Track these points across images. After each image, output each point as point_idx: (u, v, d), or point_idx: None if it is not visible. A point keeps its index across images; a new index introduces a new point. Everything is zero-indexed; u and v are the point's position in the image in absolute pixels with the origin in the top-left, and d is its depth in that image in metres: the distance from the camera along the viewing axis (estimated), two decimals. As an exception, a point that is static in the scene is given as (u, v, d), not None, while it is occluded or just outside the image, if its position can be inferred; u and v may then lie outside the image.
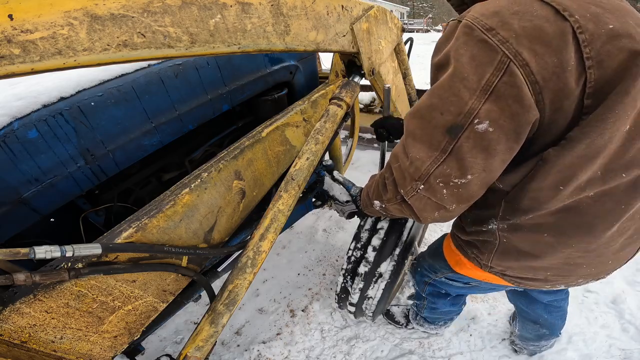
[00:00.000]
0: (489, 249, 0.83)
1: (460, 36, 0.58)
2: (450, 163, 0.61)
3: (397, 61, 1.81)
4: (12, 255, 0.52)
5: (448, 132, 0.60)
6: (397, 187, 0.73)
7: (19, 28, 0.45)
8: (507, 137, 0.58)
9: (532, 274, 0.84)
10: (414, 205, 0.71)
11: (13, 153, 0.79)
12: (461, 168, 0.61)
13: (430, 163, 0.63)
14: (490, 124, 0.56)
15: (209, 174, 0.85)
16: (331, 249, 2.29)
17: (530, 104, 0.54)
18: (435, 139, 0.62)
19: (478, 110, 0.56)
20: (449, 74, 0.59)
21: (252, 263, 0.86)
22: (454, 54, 0.58)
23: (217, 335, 0.86)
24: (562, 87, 0.54)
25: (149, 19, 0.58)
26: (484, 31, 0.54)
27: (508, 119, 0.56)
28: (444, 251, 1.11)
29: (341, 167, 1.90)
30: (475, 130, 0.57)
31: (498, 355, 1.60)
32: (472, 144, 0.59)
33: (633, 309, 1.73)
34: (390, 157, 0.76)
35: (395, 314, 1.77)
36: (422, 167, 0.64)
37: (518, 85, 0.53)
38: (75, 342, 0.71)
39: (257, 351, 1.67)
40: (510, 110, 0.55)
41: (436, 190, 0.65)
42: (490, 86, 0.55)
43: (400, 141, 0.73)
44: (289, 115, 1.09)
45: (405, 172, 0.68)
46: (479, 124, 0.57)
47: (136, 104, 1.01)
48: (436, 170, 0.63)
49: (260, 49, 0.80)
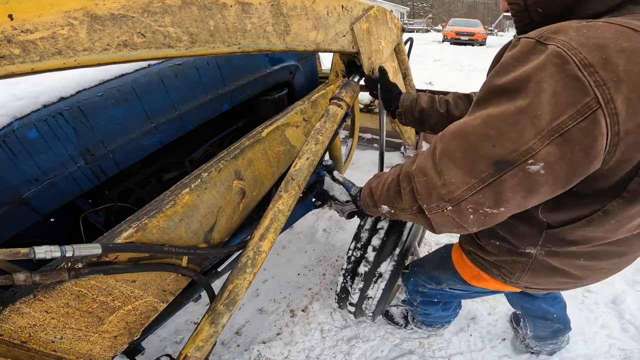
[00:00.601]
0: (519, 269, 0.83)
1: (547, 66, 0.48)
2: (486, 194, 0.57)
3: (397, 61, 1.81)
4: (12, 255, 0.52)
5: (495, 165, 0.54)
6: (418, 199, 0.69)
7: (19, 28, 0.45)
8: (555, 182, 0.53)
9: (557, 286, 0.86)
10: (433, 220, 0.68)
11: (13, 153, 0.79)
12: (497, 200, 0.58)
13: (466, 189, 0.59)
14: (545, 167, 0.51)
15: (209, 174, 0.85)
16: (331, 249, 2.29)
17: (597, 155, 0.49)
18: (478, 167, 0.56)
19: (538, 151, 0.50)
20: (518, 108, 0.51)
21: (252, 263, 0.86)
22: (532, 85, 0.49)
23: (217, 335, 0.86)
24: (639, 141, 0.49)
25: (149, 19, 0.58)
26: (580, 67, 0.45)
27: (565, 166, 0.50)
28: (456, 265, 1.08)
29: (341, 167, 1.90)
30: (525, 169, 0.52)
31: (498, 355, 1.60)
32: (516, 182, 0.54)
33: (633, 309, 1.73)
34: (411, 169, 0.70)
35: (395, 315, 1.77)
36: (455, 192, 0.60)
37: (595, 135, 0.47)
38: (75, 342, 0.71)
39: (257, 351, 1.67)
40: (572, 158, 0.49)
41: (463, 214, 0.62)
42: (562, 129, 0.48)
43: (428, 154, 0.66)
44: (289, 115, 1.09)
45: (433, 190, 0.64)
46: (532, 165, 0.51)
47: (136, 104, 1.01)
48: (470, 197, 0.59)
49: (260, 49, 0.80)
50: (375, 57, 1.27)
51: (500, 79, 0.55)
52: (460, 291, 1.16)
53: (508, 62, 0.55)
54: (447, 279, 1.15)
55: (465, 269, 1.04)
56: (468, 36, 15.94)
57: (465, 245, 1.00)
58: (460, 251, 1.04)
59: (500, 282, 0.91)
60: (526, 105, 0.50)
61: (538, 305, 1.32)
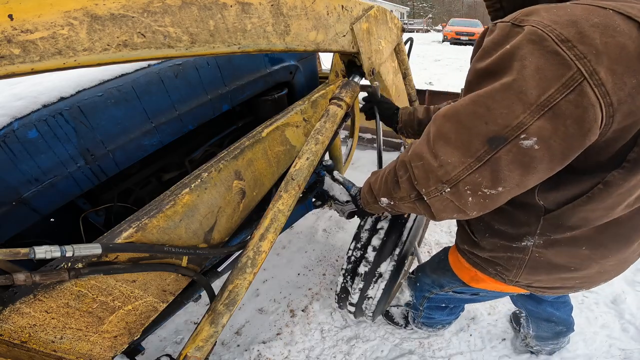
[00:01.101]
0: (516, 265, 0.81)
1: (524, 44, 0.50)
2: (483, 172, 0.58)
3: (397, 61, 1.81)
4: (12, 255, 0.52)
5: (489, 142, 0.55)
6: (416, 185, 0.69)
7: (19, 28, 0.45)
8: (551, 158, 0.54)
9: (560, 283, 0.83)
10: (432, 206, 0.68)
11: (13, 153, 0.79)
12: (494, 179, 0.58)
13: (462, 169, 0.59)
14: (538, 141, 0.52)
15: (209, 174, 0.85)
16: (331, 249, 2.29)
17: (591, 127, 0.50)
18: (473, 146, 0.57)
19: (529, 125, 0.51)
20: (502, 84, 0.53)
21: (252, 263, 0.86)
22: (514, 63, 0.51)
23: (217, 335, 0.86)
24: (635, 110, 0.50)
25: (149, 19, 0.58)
26: (557, 42, 0.48)
27: (560, 140, 0.51)
28: (453, 267, 1.07)
29: (341, 167, 1.90)
30: (519, 145, 0.53)
31: (498, 355, 1.60)
32: (511, 158, 0.55)
33: (633, 309, 1.73)
34: (407, 156, 0.71)
35: (395, 315, 1.77)
36: (452, 172, 0.60)
37: (584, 105, 0.48)
38: (75, 342, 0.71)
39: (257, 351, 1.67)
40: (566, 131, 0.50)
41: (462, 196, 0.62)
42: (551, 102, 0.49)
43: (423, 139, 0.67)
44: (289, 115, 1.09)
45: (430, 173, 0.64)
46: (525, 140, 0.52)
47: (136, 104, 1.01)
48: (467, 177, 0.59)
49: (260, 49, 0.80)
50: (375, 57, 1.27)
51: (483, 62, 0.57)
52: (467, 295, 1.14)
53: (488, 46, 0.57)
54: (448, 282, 1.14)
55: (462, 271, 1.03)
56: (468, 36, 15.96)
57: (460, 244, 1.00)
58: (457, 252, 1.03)
59: (499, 282, 0.89)
60: (511, 82, 0.51)
61: (543, 308, 1.31)
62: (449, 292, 1.18)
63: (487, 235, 0.85)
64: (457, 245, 1.04)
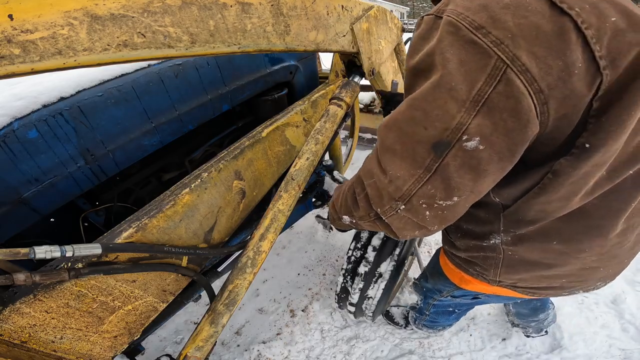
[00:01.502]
0: (492, 264, 0.79)
1: (444, 36, 0.48)
2: (435, 183, 0.54)
3: (397, 61, 1.81)
4: (12, 255, 0.52)
5: (434, 149, 0.52)
6: (372, 204, 0.65)
7: (19, 28, 0.45)
8: (499, 157, 0.50)
9: (546, 282, 0.80)
10: (392, 224, 0.64)
11: (13, 153, 0.79)
12: (447, 189, 0.54)
13: (412, 182, 0.55)
14: (481, 141, 0.49)
15: (209, 174, 0.85)
16: (331, 249, 2.29)
17: (529, 118, 0.47)
18: (418, 155, 0.54)
19: (467, 125, 0.48)
20: (432, 83, 0.50)
21: (252, 263, 0.86)
22: (438, 58, 0.49)
23: (217, 335, 0.86)
24: (569, 94, 0.46)
25: (149, 19, 0.58)
26: (472, 30, 0.45)
27: (502, 136, 0.48)
28: (444, 269, 1.06)
29: (341, 167, 1.90)
30: (463, 147, 0.50)
31: (498, 356, 1.60)
32: (459, 163, 0.51)
33: (633, 309, 1.73)
34: (362, 172, 0.68)
35: (395, 315, 1.77)
36: (403, 187, 0.57)
37: (515, 95, 0.45)
38: (75, 342, 0.71)
39: (257, 351, 1.67)
40: (505, 126, 0.47)
41: (418, 212, 0.59)
42: (483, 97, 0.46)
43: (373, 154, 0.64)
44: (289, 115, 1.09)
45: (382, 191, 0.61)
46: (467, 141, 0.49)
47: (136, 104, 1.01)
48: (419, 191, 0.56)
49: (260, 49, 0.80)
50: (375, 57, 1.27)
51: (412, 60, 0.55)
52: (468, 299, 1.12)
53: (416, 42, 0.55)
54: (444, 287, 1.13)
55: (451, 273, 1.01)
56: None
57: (443, 245, 0.99)
58: (443, 254, 1.02)
59: (484, 283, 0.87)
60: (438, 79, 0.49)
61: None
62: (447, 297, 1.16)
63: (459, 235, 0.84)
64: (442, 246, 1.03)
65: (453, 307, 1.28)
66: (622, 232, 0.69)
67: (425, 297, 1.32)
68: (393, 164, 0.58)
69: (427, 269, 1.27)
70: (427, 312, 1.38)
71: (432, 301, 1.28)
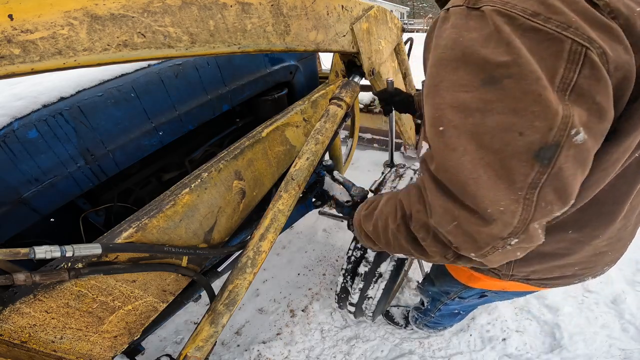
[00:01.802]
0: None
1: (501, 27, 0.42)
2: (548, 197, 0.44)
3: (397, 61, 1.81)
4: (12, 255, 0.52)
5: (537, 158, 0.42)
6: (457, 250, 0.54)
7: (19, 28, 0.45)
8: (594, 145, 0.44)
9: (559, 272, 0.78)
10: (489, 261, 0.53)
11: (13, 153, 0.79)
12: (562, 197, 0.45)
13: (522, 210, 0.45)
14: (585, 130, 0.42)
15: (209, 174, 0.85)
16: (331, 249, 2.29)
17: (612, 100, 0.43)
18: (517, 172, 0.43)
19: (572, 116, 0.41)
20: (511, 78, 0.42)
21: (252, 263, 0.86)
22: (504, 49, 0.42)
23: (217, 335, 0.86)
24: (626, 76, 0.43)
25: (149, 19, 0.58)
26: (528, 17, 0.41)
27: (597, 121, 0.43)
28: (449, 269, 1.05)
29: (341, 167, 1.90)
30: (574, 144, 0.42)
31: (498, 356, 1.60)
32: (572, 163, 0.43)
33: (633, 309, 1.73)
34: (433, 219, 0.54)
35: (395, 315, 1.77)
36: (513, 221, 0.45)
37: (603, 77, 0.41)
38: (75, 342, 0.71)
39: (257, 351, 1.67)
40: (599, 110, 0.42)
41: (535, 235, 0.48)
42: (569, 84, 0.41)
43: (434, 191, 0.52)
44: (289, 115, 1.09)
45: (477, 235, 0.49)
46: (576, 135, 0.41)
47: (136, 104, 1.01)
48: (536, 214, 0.45)
49: (260, 49, 0.80)
50: (375, 57, 1.27)
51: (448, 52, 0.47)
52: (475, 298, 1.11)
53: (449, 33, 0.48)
54: (450, 288, 1.13)
55: (458, 271, 1.02)
56: (468, 36, 15.90)
57: None
58: None
59: (494, 278, 0.87)
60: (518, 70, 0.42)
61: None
62: (455, 299, 1.16)
63: None
64: None
65: (459, 309, 1.28)
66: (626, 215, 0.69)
67: (433, 299, 1.32)
68: (485, 197, 0.45)
69: (432, 273, 1.27)
70: (432, 314, 1.38)
71: (439, 305, 1.28)
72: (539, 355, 1.57)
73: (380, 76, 1.47)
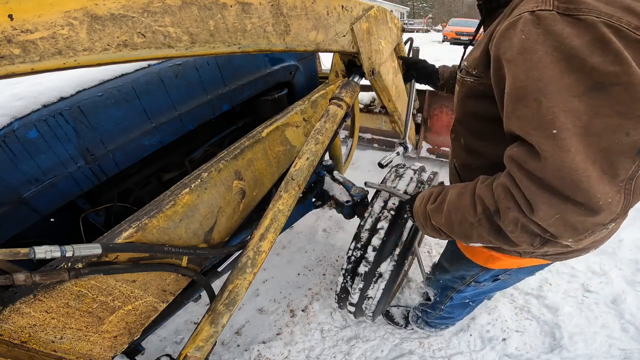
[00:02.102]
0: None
1: (609, 39, 0.47)
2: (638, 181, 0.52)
3: (397, 61, 1.81)
4: (12, 255, 0.52)
5: (639, 154, 0.49)
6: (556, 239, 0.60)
7: (19, 28, 0.45)
8: None
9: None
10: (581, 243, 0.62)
11: (13, 153, 0.79)
12: None
13: (623, 197, 0.52)
14: None
15: (209, 174, 0.85)
16: (331, 249, 2.29)
17: None
18: (620, 167, 0.50)
19: None
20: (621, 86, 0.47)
21: (252, 263, 0.86)
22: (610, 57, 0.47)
23: (217, 335, 0.86)
24: None
25: (149, 19, 0.58)
26: (633, 30, 0.47)
27: None
28: (466, 253, 1.07)
29: (341, 167, 1.90)
30: None
31: (498, 356, 1.60)
32: None
33: (633, 309, 1.73)
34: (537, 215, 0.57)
35: (395, 315, 1.77)
36: (617, 209, 0.52)
37: None
38: (75, 342, 0.71)
39: (257, 351, 1.67)
40: None
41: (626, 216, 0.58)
42: None
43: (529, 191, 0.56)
44: (289, 115, 1.09)
45: (580, 224, 0.55)
46: None
47: (136, 104, 1.01)
48: (634, 199, 0.53)
49: (260, 49, 0.80)
50: (376, 57, 1.27)
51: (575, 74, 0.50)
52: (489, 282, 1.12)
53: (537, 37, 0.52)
54: (467, 272, 1.13)
55: (475, 254, 1.03)
56: (468, 36, 15.88)
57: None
58: None
59: (514, 257, 0.88)
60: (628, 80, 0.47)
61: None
62: (471, 284, 1.17)
63: None
64: None
65: (470, 297, 1.28)
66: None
67: (444, 289, 1.32)
68: (594, 191, 0.51)
69: (444, 260, 1.27)
70: (442, 305, 1.38)
71: (451, 292, 1.28)
72: (539, 355, 1.57)
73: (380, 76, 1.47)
